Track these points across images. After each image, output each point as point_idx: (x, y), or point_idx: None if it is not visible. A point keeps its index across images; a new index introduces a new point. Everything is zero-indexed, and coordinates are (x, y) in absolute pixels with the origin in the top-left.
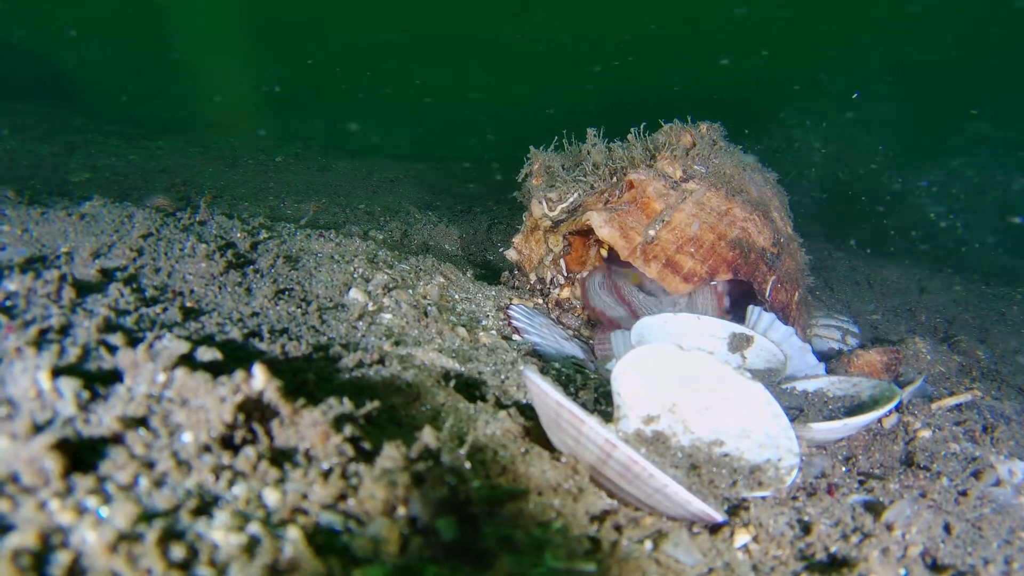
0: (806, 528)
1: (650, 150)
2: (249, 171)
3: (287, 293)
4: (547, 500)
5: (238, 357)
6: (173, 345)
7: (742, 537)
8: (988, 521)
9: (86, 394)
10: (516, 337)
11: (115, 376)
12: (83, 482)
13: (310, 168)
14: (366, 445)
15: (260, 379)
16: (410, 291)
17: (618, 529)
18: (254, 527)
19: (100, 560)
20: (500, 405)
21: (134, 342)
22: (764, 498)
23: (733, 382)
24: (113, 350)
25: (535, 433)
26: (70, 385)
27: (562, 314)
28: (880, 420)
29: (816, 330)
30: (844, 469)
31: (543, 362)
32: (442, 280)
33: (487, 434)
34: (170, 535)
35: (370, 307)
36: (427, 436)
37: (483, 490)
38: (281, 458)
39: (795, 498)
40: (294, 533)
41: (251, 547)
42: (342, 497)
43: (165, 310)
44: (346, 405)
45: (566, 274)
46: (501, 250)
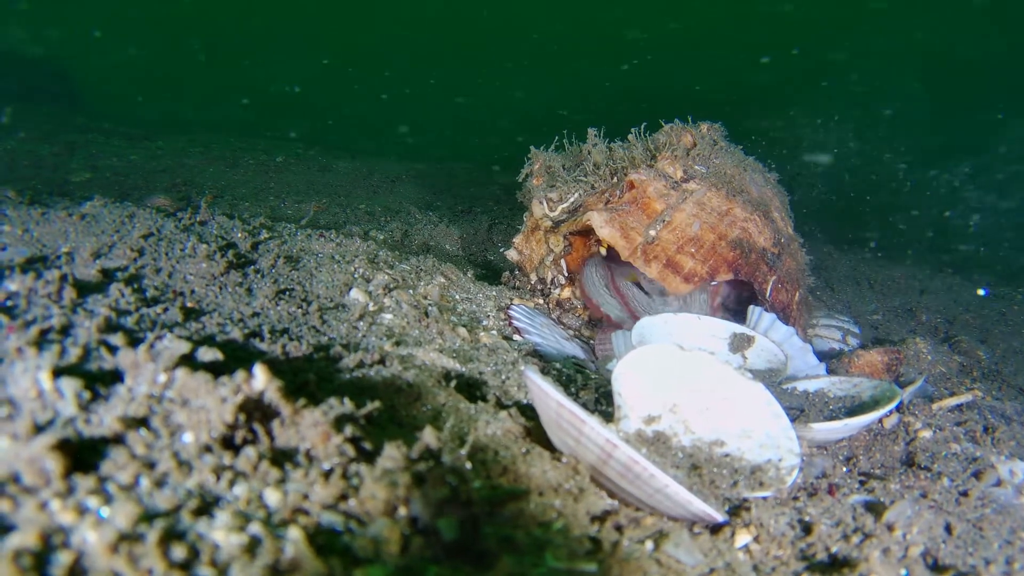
0: (807, 528)
1: (651, 150)
2: (250, 171)
3: (288, 293)
4: (548, 500)
5: (239, 357)
6: (174, 345)
7: (743, 537)
8: (989, 521)
9: (87, 394)
10: (517, 337)
11: (116, 376)
12: (84, 482)
13: (311, 168)
14: (367, 445)
15: (261, 379)
16: (411, 291)
17: (619, 529)
18: (255, 527)
19: (101, 560)
20: (501, 405)
21: (135, 342)
22: (765, 498)
23: (734, 382)
24: (114, 350)
25: (536, 433)
26: (71, 385)
27: (563, 314)
28: (881, 420)
29: (817, 330)
30: (845, 469)
31: (544, 362)
32: (443, 280)
33: (488, 434)
34: (171, 535)
35: (371, 307)
36: (428, 436)
37: (484, 490)
38: (282, 458)
39: (796, 498)
40: (295, 533)
41: (252, 547)
42: (343, 497)
43: (166, 310)
44: (347, 405)
45: (567, 274)
46: (502, 250)
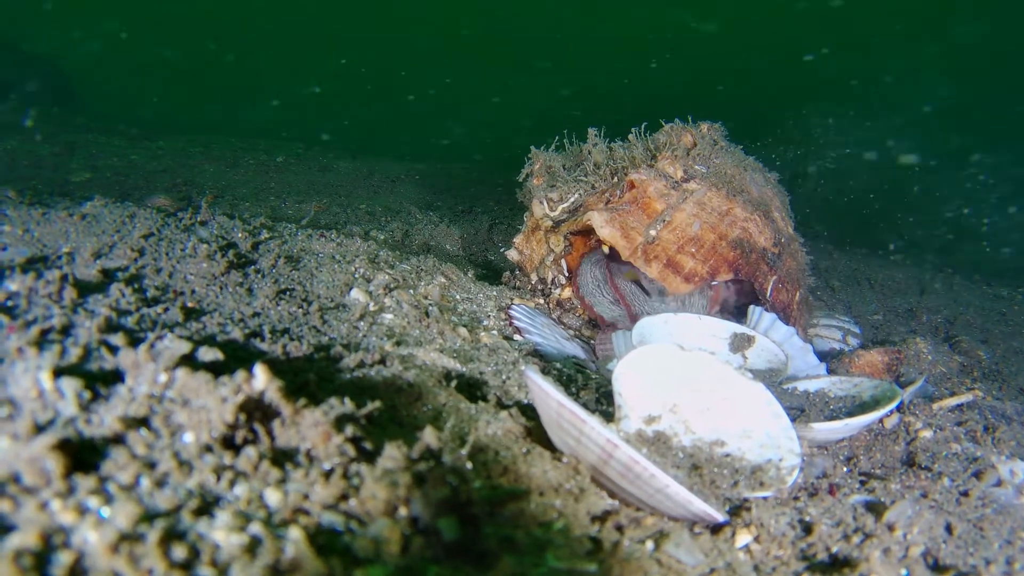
0: (807, 528)
1: (651, 150)
2: (250, 171)
3: (288, 293)
4: (548, 500)
5: (239, 357)
6: (174, 345)
7: (744, 537)
8: (989, 521)
9: (87, 394)
10: (517, 337)
11: (116, 376)
12: (84, 482)
13: (311, 168)
14: (367, 445)
15: (261, 379)
16: (411, 291)
17: (619, 529)
18: (256, 527)
19: (102, 560)
20: (501, 405)
21: (135, 342)
22: (766, 498)
23: (734, 382)
24: (114, 350)
25: (536, 433)
26: (71, 385)
27: (563, 314)
28: (881, 420)
29: (817, 330)
30: (845, 469)
31: (544, 362)
32: (443, 280)
33: (488, 434)
34: (172, 535)
35: (371, 307)
36: (428, 436)
37: (484, 490)
38: (282, 458)
39: (796, 498)
40: (296, 533)
41: (253, 547)
42: (343, 497)
43: (166, 310)
44: (347, 405)
45: (567, 274)
46: (502, 250)
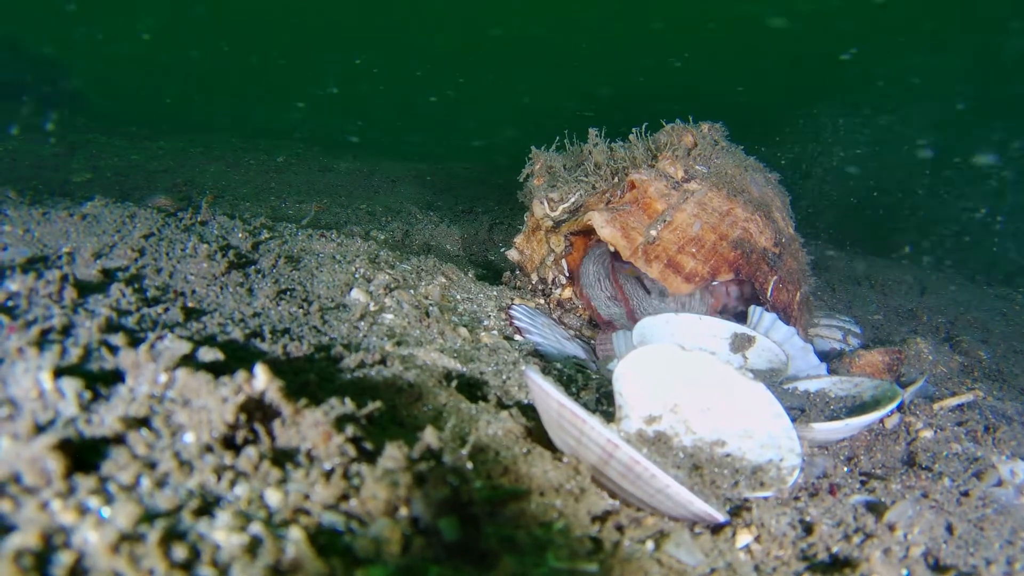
0: (808, 528)
1: (652, 150)
2: (251, 171)
3: (289, 293)
4: (549, 500)
5: (240, 357)
6: (175, 345)
7: (744, 537)
8: (990, 521)
9: (88, 394)
10: (518, 337)
11: (117, 376)
12: (85, 482)
13: (311, 168)
14: (368, 445)
15: (262, 379)
16: (412, 291)
17: (620, 529)
18: (256, 527)
19: (102, 560)
20: (502, 405)
21: (136, 342)
22: (766, 498)
23: (735, 382)
24: (115, 350)
25: (537, 433)
26: (72, 385)
27: (564, 314)
28: (882, 420)
29: (818, 330)
30: (846, 469)
31: (545, 362)
32: (444, 280)
33: (489, 434)
34: (172, 535)
35: (372, 307)
36: (429, 436)
37: (485, 490)
38: (283, 458)
39: (797, 498)
40: (296, 533)
41: (253, 547)
42: (344, 497)
43: (167, 310)
44: (348, 405)
45: (568, 274)
46: (503, 250)
